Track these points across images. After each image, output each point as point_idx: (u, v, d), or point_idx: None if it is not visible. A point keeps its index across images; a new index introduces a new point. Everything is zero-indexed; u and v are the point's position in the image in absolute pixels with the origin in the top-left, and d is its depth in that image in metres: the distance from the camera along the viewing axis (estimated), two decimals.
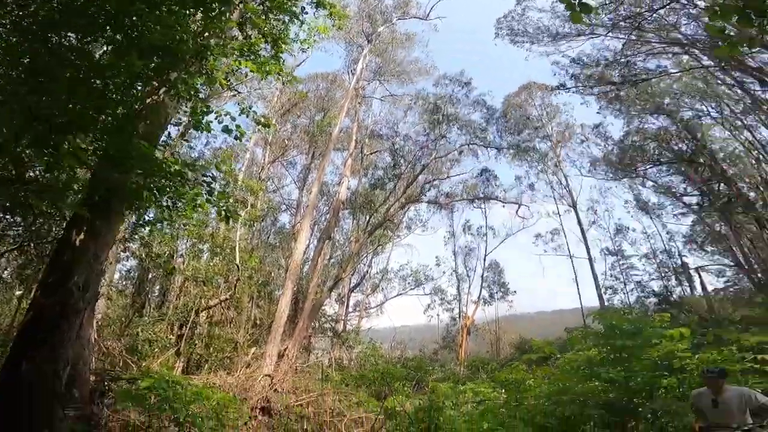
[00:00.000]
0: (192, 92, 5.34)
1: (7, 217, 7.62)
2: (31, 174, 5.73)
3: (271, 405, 8.09)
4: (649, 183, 29.85)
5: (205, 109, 5.92)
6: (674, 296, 27.97)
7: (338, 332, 21.25)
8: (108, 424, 5.90)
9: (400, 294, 32.08)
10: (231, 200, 16.95)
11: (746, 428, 4.54)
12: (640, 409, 6.47)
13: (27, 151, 4.74)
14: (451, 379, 14.68)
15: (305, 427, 7.88)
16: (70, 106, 4.15)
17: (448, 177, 27.11)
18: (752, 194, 26.33)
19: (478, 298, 30.02)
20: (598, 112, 30.17)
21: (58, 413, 4.28)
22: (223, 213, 5.59)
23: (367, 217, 24.64)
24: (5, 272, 11.78)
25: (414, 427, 7.19)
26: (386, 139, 27.11)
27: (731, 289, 29.82)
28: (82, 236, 4.77)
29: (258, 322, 16.82)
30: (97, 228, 4.87)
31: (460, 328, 27.87)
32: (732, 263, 29.40)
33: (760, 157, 25.59)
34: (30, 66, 4.27)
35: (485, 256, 31.57)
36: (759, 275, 26.96)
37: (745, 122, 25.27)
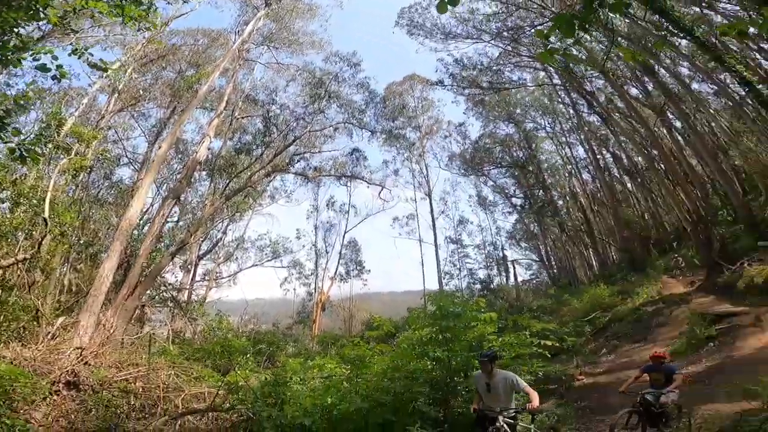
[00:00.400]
0: (6, 27, 4.16)
1: None
2: None
3: (81, 379, 6.99)
4: (490, 182, 35.02)
5: (19, 44, 4.67)
6: (494, 284, 33.43)
7: (180, 302, 19.36)
8: None
9: (256, 265, 31.01)
10: (50, 145, 13.89)
11: (506, 412, 4.75)
12: (458, 387, 7.17)
13: None
14: (303, 354, 14.74)
15: (132, 402, 7.05)
16: None
17: (319, 152, 27.16)
18: (560, 202, 33.08)
19: (335, 274, 30.97)
20: (464, 113, 34.23)
21: None
22: (17, 152, 4.48)
23: (227, 181, 22.92)
24: None
25: (260, 401, 7.03)
26: (262, 106, 25.69)
27: (534, 281, 37.27)
28: None
29: (74, 288, 14.19)
30: None
31: (315, 303, 28.31)
32: (537, 259, 36.65)
33: (572, 171, 32.17)
34: None
35: (345, 233, 32.72)
36: (555, 271, 34.23)
37: (569, 139, 31.36)
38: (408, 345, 8.57)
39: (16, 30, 4.70)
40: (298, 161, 26.24)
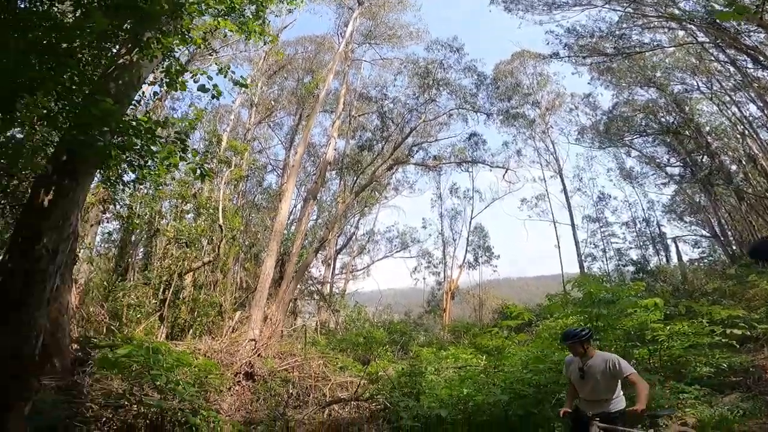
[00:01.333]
0: (166, 52, 5.05)
1: None
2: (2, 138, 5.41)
3: (255, 370, 8.10)
4: (634, 153, 30.20)
5: (179, 68, 5.62)
6: (651, 265, 28.81)
7: (324, 295, 21.51)
8: (90, 394, 5.77)
9: (387, 256, 32.54)
10: (215, 160, 16.73)
11: (598, 417, 3.69)
12: None
13: None
14: (435, 344, 14.92)
15: (290, 391, 7.94)
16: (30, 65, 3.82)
17: (436, 140, 27.06)
18: (734, 167, 26.83)
19: (463, 261, 30.57)
20: (589, 83, 30.32)
21: (32, 384, 4.12)
22: (198, 171, 5.42)
23: (354, 178, 24.52)
24: None
25: (397, 391, 7.35)
26: (375, 102, 26.70)
27: (706, 260, 30.91)
28: (49, 197, 4.51)
29: (244, 285, 16.80)
30: (65, 188, 4.58)
31: (445, 292, 28.49)
32: (708, 234, 30.33)
33: (746, 132, 25.94)
34: None
35: (471, 219, 31.96)
36: (734, 247, 27.92)
37: (734, 98, 25.54)
38: (550, 334, 8.05)
39: (173, 55, 5.66)
40: (417, 151, 26.63)
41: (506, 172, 28.02)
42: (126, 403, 5.64)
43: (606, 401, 3.83)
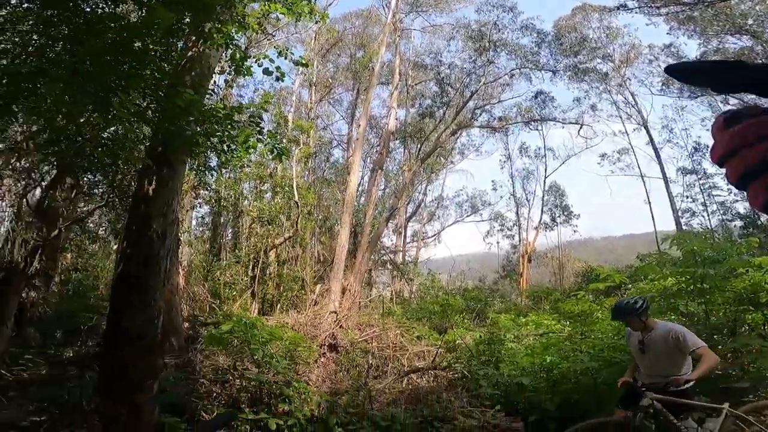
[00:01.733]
0: (228, 40, 5.28)
1: (89, 176, 8.22)
2: (105, 135, 6.03)
3: (338, 341, 8.37)
4: (733, 100, 26.12)
5: (243, 55, 5.85)
6: (762, 219, 25.05)
7: (397, 264, 21.85)
8: (201, 371, 6.19)
9: (457, 221, 32.11)
10: (284, 140, 17.42)
11: (653, 388, 3.32)
12: (720, 347, 5.81)
13: (93, 114, 4.95)
14: (512, 310, 14.44)
15: (370, 361, 8.06)
16: (114, 66, 4.15)
17: (499, 101, 25.87)
18: None
19: (539, 223, 29.12)
20: (668, 33, 26.85)
21: (158, 363, 4.59)
22: (275, 151, 5.70)
23: (419, 146, 24.23)
24: (101, 229, 12.60)
25: (475, 360, 7.27)
26: (431, 69, 26.03)
27: None
28: (152, 187, 4.93)
29: (321, 258, 17.59)
30: (164, 178, 5.00)
31: (520, 255, 27.51)
32: None
33: None
34: (68, 36, 4.26)
35: (545, 178, 30.19)
36: None
37: None
38: None
39: (234, 43, 5.88)
40: (480, 114, 25.57)
41: (581, 127, 26.13)
42: (230, 377, 6.07)
43: (669, 374, 3.46)
